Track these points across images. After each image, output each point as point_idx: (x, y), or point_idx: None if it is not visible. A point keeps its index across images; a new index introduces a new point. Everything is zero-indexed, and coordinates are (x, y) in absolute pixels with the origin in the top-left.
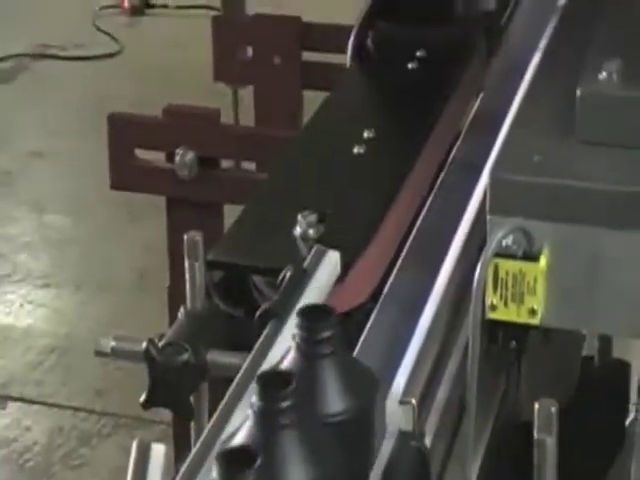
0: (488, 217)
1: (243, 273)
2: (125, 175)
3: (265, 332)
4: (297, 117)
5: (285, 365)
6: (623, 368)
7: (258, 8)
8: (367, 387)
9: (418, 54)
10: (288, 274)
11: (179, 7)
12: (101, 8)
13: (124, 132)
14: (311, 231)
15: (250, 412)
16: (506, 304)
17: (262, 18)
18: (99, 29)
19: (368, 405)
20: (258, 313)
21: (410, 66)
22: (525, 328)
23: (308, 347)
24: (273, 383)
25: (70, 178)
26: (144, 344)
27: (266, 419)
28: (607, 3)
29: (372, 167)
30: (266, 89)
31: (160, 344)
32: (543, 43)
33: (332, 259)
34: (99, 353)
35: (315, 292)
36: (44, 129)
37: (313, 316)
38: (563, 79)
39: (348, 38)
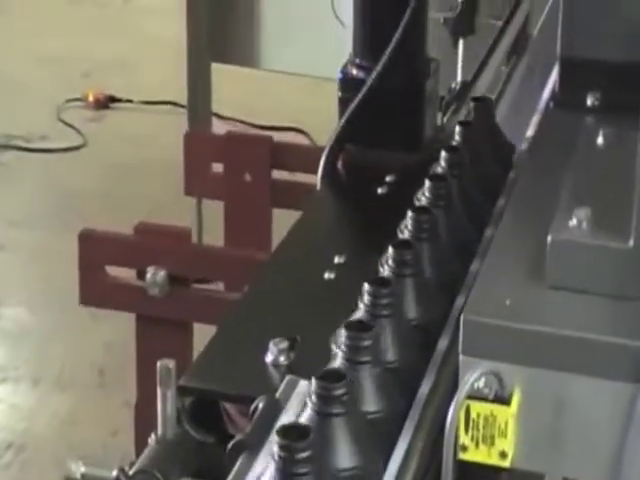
0: (461, 358)
1: (214, 400)
2: (95, 291)
3: (238, 464)
4: (266, 234)
5: None
6: None
7: (226, 109)
8: None
9: (388, 179)
10: (260, 405)
11: (144, 102)
12: (66, 101)
13: (95, 249)
14: (282, 358)
15: None
16: (477, 445)
17: (234, 136)
18: (64, 122)
19: None
20: (231, 445)
21: (380, 191)
22: (496, 469)
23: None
24: None
25: (30, 271)
26: (114, 472)
27: None
28: (576, 148)
29: (343, 293)
30: (236, 205)
31: (131, 472)
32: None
33: (304, 389)
34: (69, 479)
35: None
36: (5, 220)
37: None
38: (534, 223)
39: (318, 159)
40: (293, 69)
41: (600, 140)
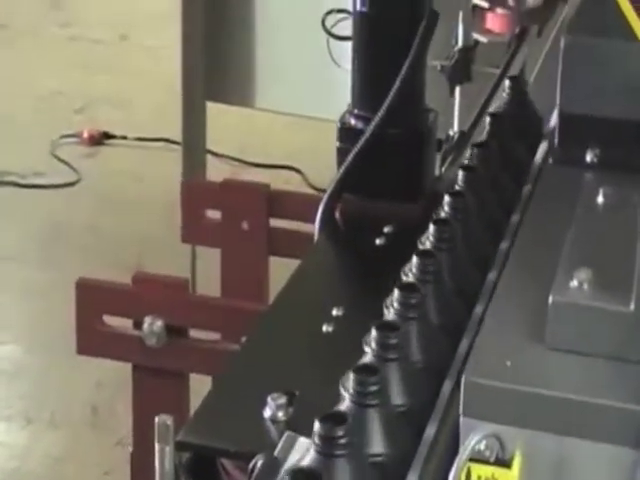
0: (462, 419)
1: (212, 455)
2: (92, 341)
3: None
4: (263, 282)
5: None
6: None
7: (219, 146)
8: None
9: (386, 230)
10: (259, 462)
11: (138, 139)
12: (60, 137)
13: (92, 298)
14: (280, 413)
15: None
16: None
17: (231, 183)
18: (58, 158)
19: None
20: None
21: (378, 242)
22: None
23: None
24: None
25: (23, 308)
26: None
27: None
28: (576, 206)
29: (341, 347)
30: (233, 253)
31: None
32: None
33: (303, 446)
34: None
35: None
36: None
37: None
38: (534, 282)
39: (316, 207)
40: (287, 109)
41: (600, 199)
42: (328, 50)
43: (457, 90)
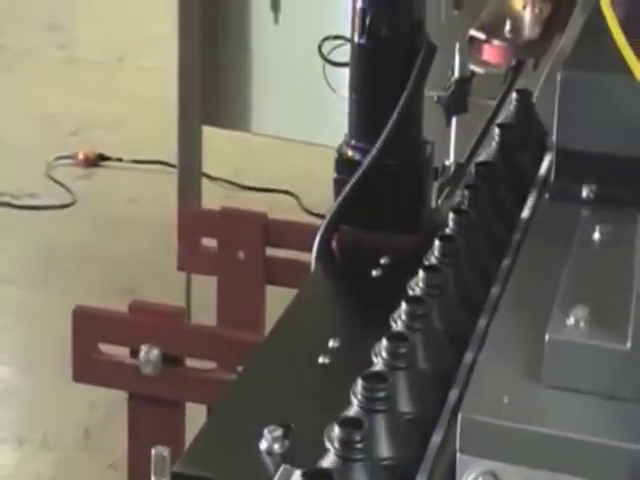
0: (458, 456)
1: None
2: (88, 369)
3: None
4: (259, 311)
5: None
6: None
7: (214, 169)
8: None
9: (383, 261)
10: None
11: (134, 161)
12: (55, 159)
13: (89, 326)
14: (276, 446)
15: None
16: None
17: (228, 212)
18: (53, 179)
19: None
20: None
21: (374, 273)
22: None
23: None
24: None
25: (16, 329)
26: None
27: None
28: (572, 242)
29: (337, 379)
30: (229, 282)
31: None
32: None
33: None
34: None
35: None
36: None
37: None
38: (530, 319)
39: (313, 237)
40: (283, 134)
41: (597, 235)
42: (324, 76)
43: (453, 121)
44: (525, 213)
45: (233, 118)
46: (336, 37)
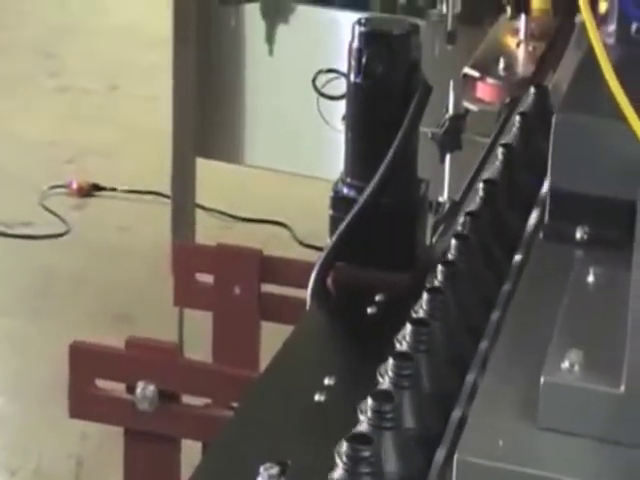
0: None
1: None
2: (84, 404)
3: None
4: (254, 347)
5: None
6: None
7: (207, 200)
8: None
9: (378, 298)
10: None
11: (128, 191)
12: (49, 188)
13: (85, 362)
14: None
15: None
16: None
17: (223, 248)
18: (47, 209)
19: None
20: None
21: (370, 310)
22: None
23: None
24: None
25: (9, 359)
26: None
27: None
28: (566, 285)
29: (333, 416)
30: (224, 317)
31: None
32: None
33: None
34: None
35: None
36: None
37: None
38: (525, 361)
39: (308, 273)
40: (277, 166)
41: (591, 278)
42: (318, 109)
43: (447, 157)
44: (518, 255)
45: (227, 150)
46: (330, 70)
